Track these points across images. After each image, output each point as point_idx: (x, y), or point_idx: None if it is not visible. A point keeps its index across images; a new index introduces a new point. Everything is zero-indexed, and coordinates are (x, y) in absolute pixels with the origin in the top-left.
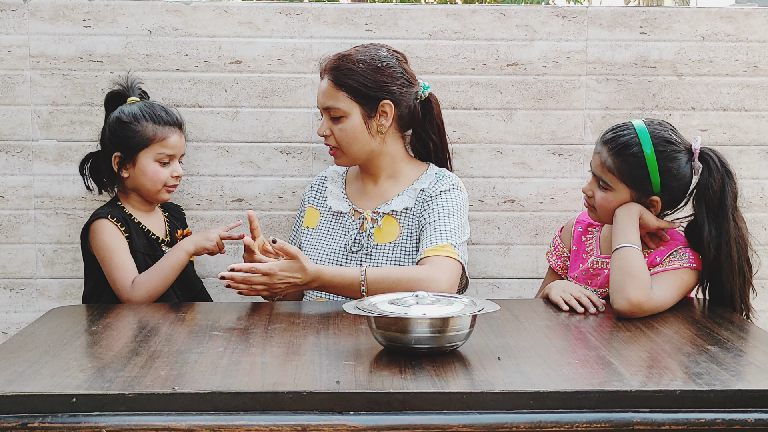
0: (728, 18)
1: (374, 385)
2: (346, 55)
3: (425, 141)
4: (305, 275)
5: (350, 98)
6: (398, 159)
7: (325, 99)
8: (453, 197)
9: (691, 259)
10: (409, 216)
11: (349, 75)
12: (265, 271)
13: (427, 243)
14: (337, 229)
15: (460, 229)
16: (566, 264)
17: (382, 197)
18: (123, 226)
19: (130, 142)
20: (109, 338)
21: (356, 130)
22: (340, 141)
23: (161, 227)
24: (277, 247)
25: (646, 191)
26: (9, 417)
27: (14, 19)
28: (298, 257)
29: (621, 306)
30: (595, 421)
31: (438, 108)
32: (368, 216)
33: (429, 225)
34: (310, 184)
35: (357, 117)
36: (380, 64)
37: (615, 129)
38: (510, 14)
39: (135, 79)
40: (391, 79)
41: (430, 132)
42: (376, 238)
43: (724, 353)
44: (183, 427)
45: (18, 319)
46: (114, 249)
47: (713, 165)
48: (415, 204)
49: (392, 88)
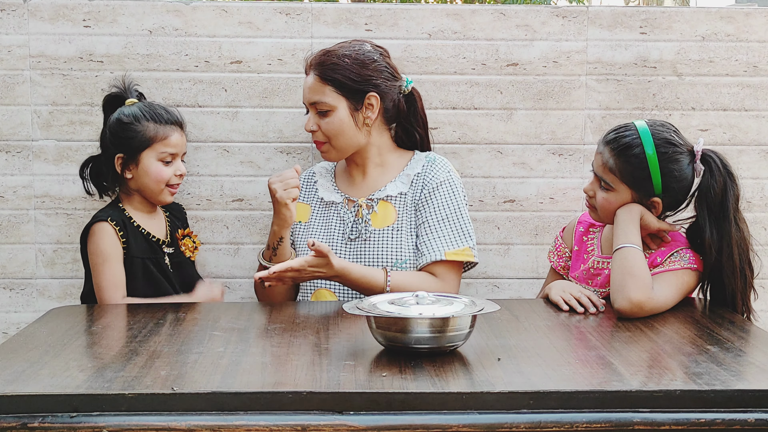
0: (728, 18)
1: (374, 385)
2: (330, 51)
3: (411, 133)
4: (330, 270)
5: (336, 92)
6: (385, 149)
7: (312, 94)
8: (454, 188)
9: (692, 260)
10: (405, 200)
11: (335, 69)
12: (297, 267)
13: (447, 245)
14: (332, 219)
15: (468, 224)
16: (568, 264)
17: (374, 185)
18: (121, 231)
19: (132, 142)
20: (109, 338)
21: (343, 124)
22: (328, 135)
23: (162, 228)
24: (315, 249)
25: (648, 192)
26: (9, 417)
27: (14, 19)
28: (329, 256)
29: (622, 306)
30: (595, 421)
31: (421, 102)
32: (363, 203)
33: (441, 223)
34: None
35: (344, 110)
36: (365, 58)
37: (617, 129)
38: (510, 14)
39: (132, 81)
40: (377, 72)
41: (414, 125)
42: (373, 224)
43: (724, 353)
44: (183, 427)
45: (18, 319)
46: (107, 258)
47: (715, 167)
48: (410, 189)
49: (377, 82)
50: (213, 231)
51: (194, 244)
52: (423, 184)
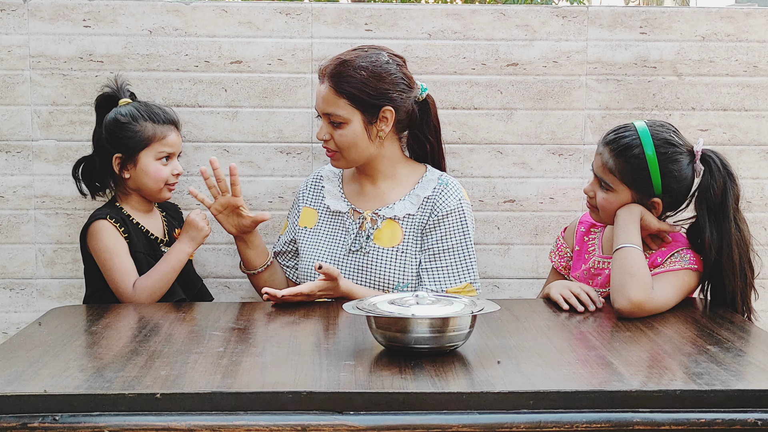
0: (728, 18)
1: (374, 385)
2: (347, 61)
3: (422, 142)
4: (336, 292)
5: (351, 105)
6: (395, 161)
7: (326, 105)
8: (462, 218)
9: (692, 261)
10: (412, 222)
11: (350, 82)
12: (307, 292)
13: (448, 280)
14: (337, 229)
15: (472, 256)
16: (569, 264)
17: (382, 198)
18: (122, 227)
19: (130, 142)
20: (109, 338)
21: (357, 136)
22: (340, 146)
23: (159, 227)
24: (323, 272)
25: (648, 193)
26: (9, 417)
27: (14, 19)
28: (338, 279)
29: (622, 305)
30: (595, 421)
31: (435, 109)
32: (368, 216)
33: (444, 253)
34: (304, 183)
35: (358, 124)
36: (382, 71)
37: (617, 130)
38: (510, 14)
39: (124, 81)
40: (393, 86)
41: (427, 133)
42: (375, 240)
43: (724, 353)
44: (183, 427)
45: (18, 319)
46: (114, 251)
47: (715, 167)
48: (417, 211)
49: (393, 95)
50: (213, 231)
51: None
52: (432, 209)
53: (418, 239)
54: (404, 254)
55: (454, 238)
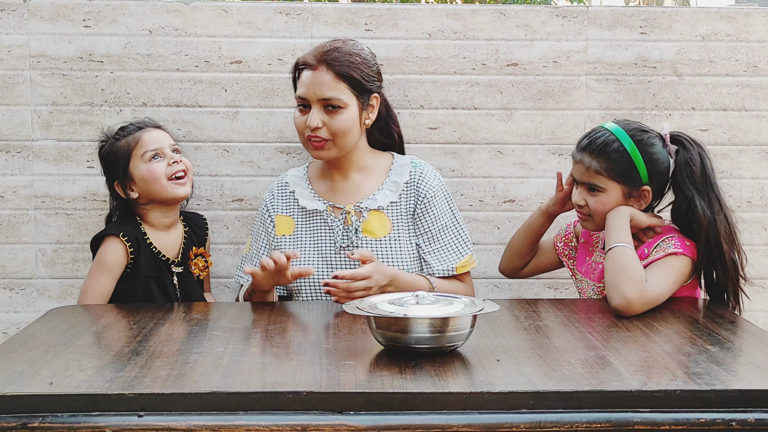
0: (728, 18)
1: (374, 385)
2: (337, 48)
3: (391, 132)
4: (385, 277)
5: (350, 90)
6: (365, 151)
7: (326, 89)
8: (446, 195)
9: (677, 245)
10: (398, 209)
11: (350, 67)
12: (365, 274)
13: (453, 256)
14: (320, 229)
15: (464, 227)
16: (570, 254)
17: (356, 190)
18: (132, 247)
19: (116, 164)
20: (109, 338)
21: (353, 122)
22: (335, 133)
23: (175, 246)
24: (357, 257)
25: (636, 183)
26: (9, 417)
27: (14, 19)
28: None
29: (618, 303)
30: (595, 421)
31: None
32: (351, 210)
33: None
34: (269, 194)
35: (355, 109)
36: (368, 60)
37: (588, 135)
38: (510, 14)
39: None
40: (377, 75)
41: (391, 125)
42: (365, 232)
43: (724, 353)
44: (183, 427)
45: (18, 319)
46: (104, 269)
47: (687, 143)
48: (400, 197)
49: (378, 83)
50: (213, 231)
51: (205, 263)
52: (417, 193)
53: (408, 226)
54: (398, 242)
55: (446, 215)
